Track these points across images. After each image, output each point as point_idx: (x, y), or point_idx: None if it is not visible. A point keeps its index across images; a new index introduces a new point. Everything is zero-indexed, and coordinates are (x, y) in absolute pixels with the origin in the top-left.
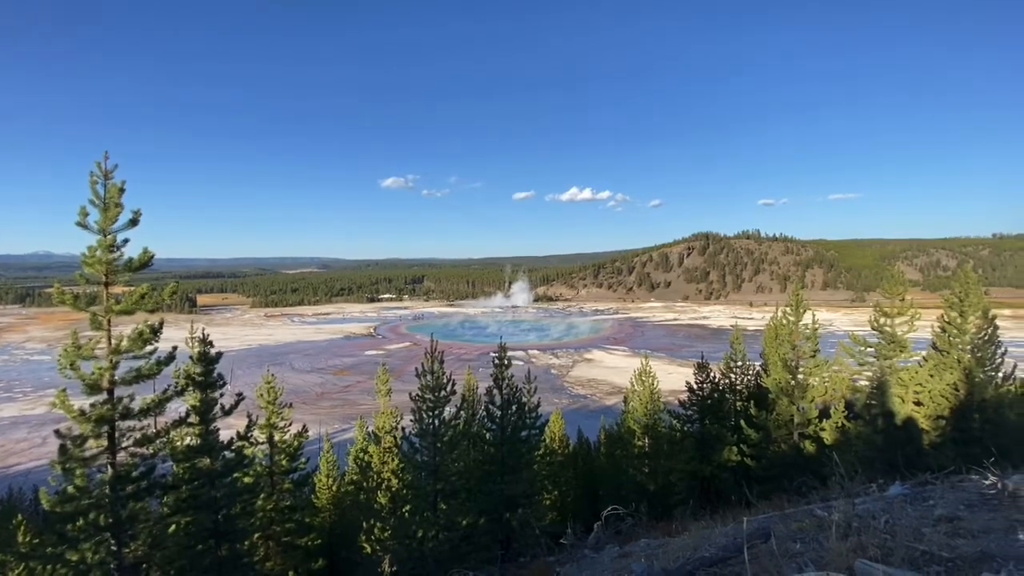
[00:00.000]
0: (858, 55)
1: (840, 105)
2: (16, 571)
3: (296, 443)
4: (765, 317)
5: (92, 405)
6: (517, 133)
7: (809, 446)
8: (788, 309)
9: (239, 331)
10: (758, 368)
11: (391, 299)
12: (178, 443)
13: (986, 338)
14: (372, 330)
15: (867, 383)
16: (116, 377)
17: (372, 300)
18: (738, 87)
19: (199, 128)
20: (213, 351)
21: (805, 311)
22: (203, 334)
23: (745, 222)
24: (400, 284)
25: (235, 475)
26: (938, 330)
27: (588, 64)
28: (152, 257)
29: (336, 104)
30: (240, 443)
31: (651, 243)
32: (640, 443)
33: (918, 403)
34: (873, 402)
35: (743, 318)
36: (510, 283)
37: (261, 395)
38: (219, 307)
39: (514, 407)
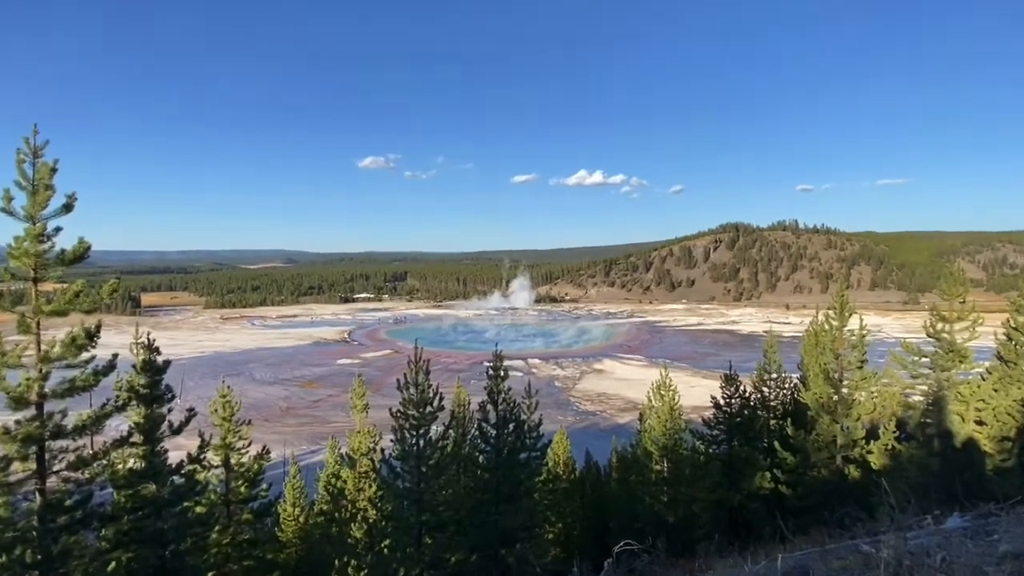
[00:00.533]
0: (910, 19)
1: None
2: None
3: (257, 467)
4: (804, 321)
5: (18, 422)
6: (516, 105)
7: (854, 471)
8: (831, 312)
9: (190, 336)
10: (795, 381)
11: (368, 299)
12: (119, 466)
13: None
14: (346, 335)
15: (921, 399)
16: (46, 389)
17: (346, 300)
18: (775, 54)
19: (142, 99)
20: (160, 359)
21: (850, 314)
22: (148, 339)
23: (781, 211)
24: (379, 282)
25: (185, 504)
26: (1004, 338)
27: (598, 25)
28: (89, 248)
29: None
30: (191, 467)
31: (672, 235)
32: (658, 467)
33: (980, 422)
34: (928, 420)
35: (778, 322)
36: (508, 281)
37: (216, 411)
38: (167, 308)
39: (511, 426)
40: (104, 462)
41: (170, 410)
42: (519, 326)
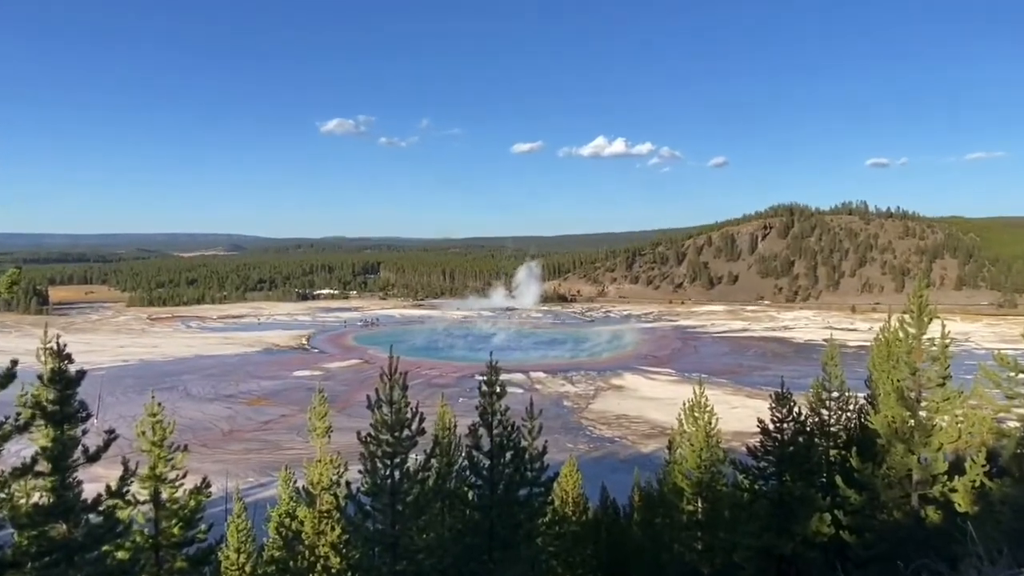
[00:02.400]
0: None
1: (979, 26)
2: None
3: (193, 503)
4: (873, 328)
5: None
6: (516, 57)
7: (933, 514)
8: (906, 316)
9: (111, 340)
10: (862, 402)
11: (332, 296)
12: (21, 501)
13: None
14: (304, 341)
15: (1018, 424)
16: None
17: (304, 297)
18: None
19: (46, 47)
20: (73, 369)
21: (931, 319)
22: (58, 344)
23: (847, 190)
24: (345, 275)
25: (104, 548)
26: None
27: None
28: None
29: (250, 9)
30: (112, 502)
31: (710, 219)
32: (690, 508)
33: None
34: None
35: (842, 329)
36: (507, 275)
37: (142, 433)
38: (81, 304)
39: (509, 454)
40: (2, 495)
41: (85, 432)
42: (519, 331)
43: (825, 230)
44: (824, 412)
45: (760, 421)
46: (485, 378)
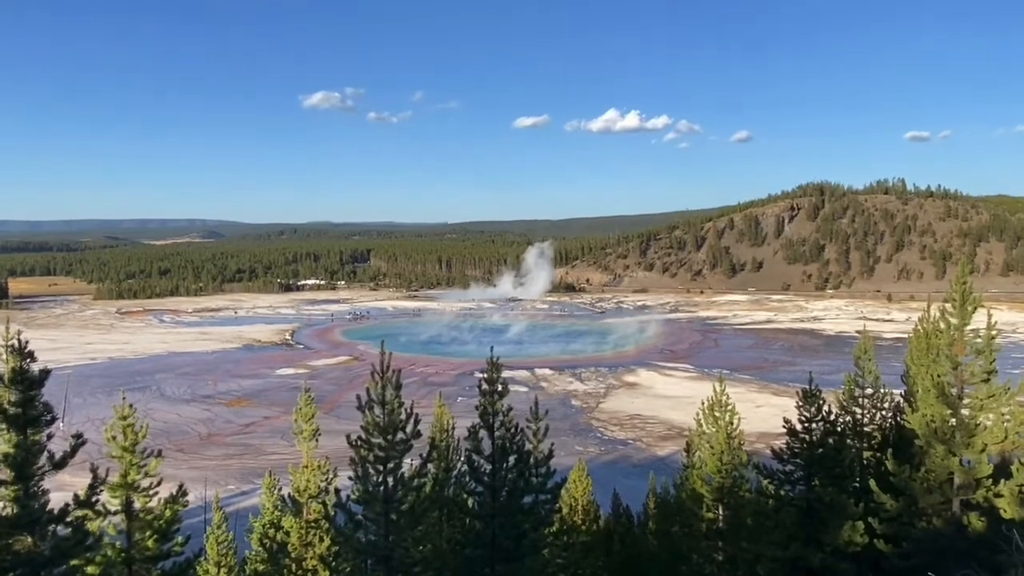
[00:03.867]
0: None
1: None
2: None
3: (169, 513)
4: (911, 318)
5: None
6: (519, 22)
7: (976, 521)
8: (948, 306)
9: (77, 336)
10: (898, 399)
11: (318, 287)
12: None
13: None
14: (288, 336)
15: None
16: None
17: (288, 289)
18: None
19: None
20: (36, 368)
21: (975, 309)
22: (20, 341)
23: (883, 167)
24: (332, 263)
25: (73, 563)
26: None
27: None
28: None
29: None
30: (80, 513)
31: (733, 200)
32: (711, 515)
33: None
34: None
35: (876, 319)
36: (512, 261)
37: (113, 438)
38: (44, 297)
39: (512, 458)
40: None
41: (50, 437)
42: (524, 324)
43: (859, 211)
44: (857, 411)
45: (787, 421)
46: (486, 375)
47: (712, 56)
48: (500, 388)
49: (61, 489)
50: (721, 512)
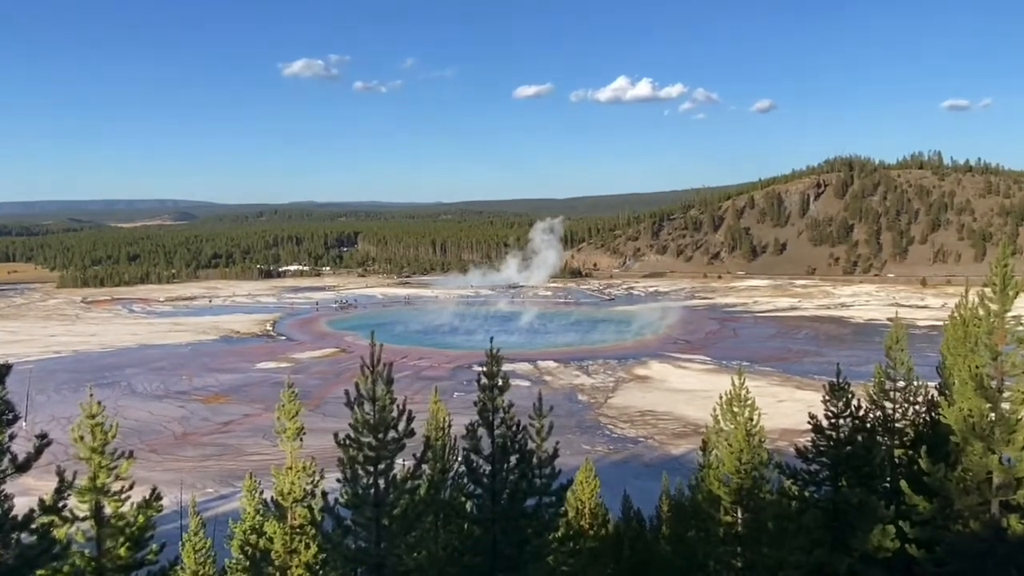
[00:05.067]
0: None
1: None
2: None
3: (142, 519)
4: (947, 304)
5: None
6: None
7: (1016, 524)
8: (988, 291)
9: (39, 328)
10: (933, 392)
11: (301, 273)
12: None
13: None
14: (269, 326)
15: None
16: None
17: (268, 275)
18: None
19: None
20: None
21: (1018, 294)
22: None
23: (917, 139)
24: (317, 248)
25: (39, 572)
26: None
27: None
28: None
29: None
30: (46, 519)
31: (753, 176)
32: (729, 518)
33: None
34: None
35: (909, 306)
36: (514, 243)
37: (80, 438)
38: (3, 286)
39: (514, 458)
40: None
41: (12, 437)
42: (525, 314)
43: (891, 187)
44: (888, 405)
45: (812, 417)
46: (485, 369)
47: (732, 18)
48: (500, 382)
49: (25, 494)
50: (740, 515)
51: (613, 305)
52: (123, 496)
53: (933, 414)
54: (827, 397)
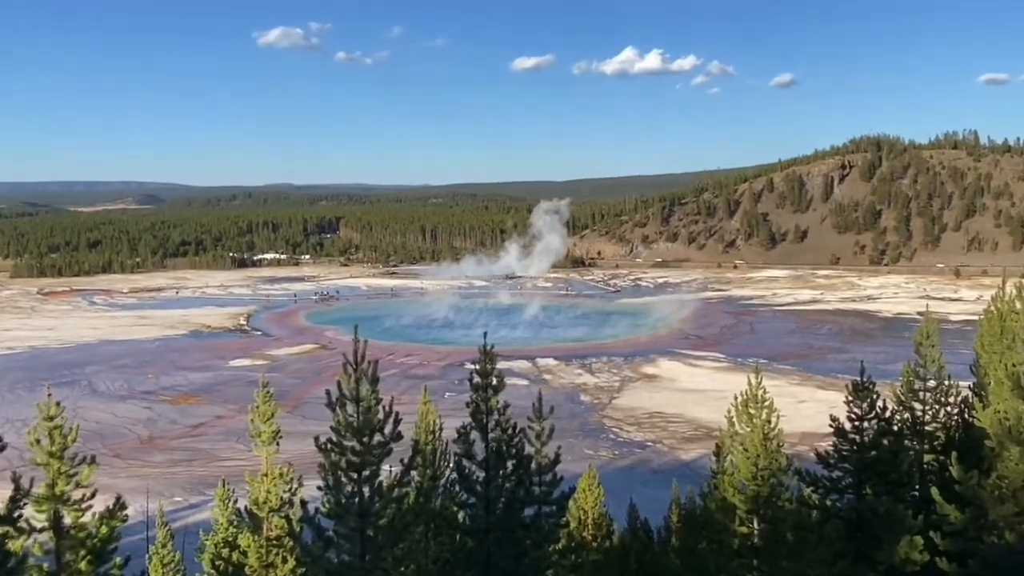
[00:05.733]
0: None
1: None
2: None
3: (104, 530)
4: (984, 297)
5: None
6: None
7: None
8: None
9: None
10: (966, 392)
11: (278, 262)
12: None
13: None
14: (243, 320)
15: None
16: None
17: (242, 264)
18: None
19: None
20: None
21: None
22: None
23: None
24: (295, 234)
25: None
26: None
27: None
28: None
29: None
30: (1, 530)
31: (772, 157)
32: (745, 529)
33: None
34: None
35: (942, 298)
36: (511, 230)
37: (36, 441)
38: None
39: (510, 464)
40: None
41: None
42: (522, 307)
43: (922, 169)
44: (917, 406)
45: (834, 419)
46: (478, 367)
47: None
48: (495, 381)
49: None
50: (757, 525)
51: (619, 298)
52: (84, 505)
53: (966, 416)
54: (851, 398)
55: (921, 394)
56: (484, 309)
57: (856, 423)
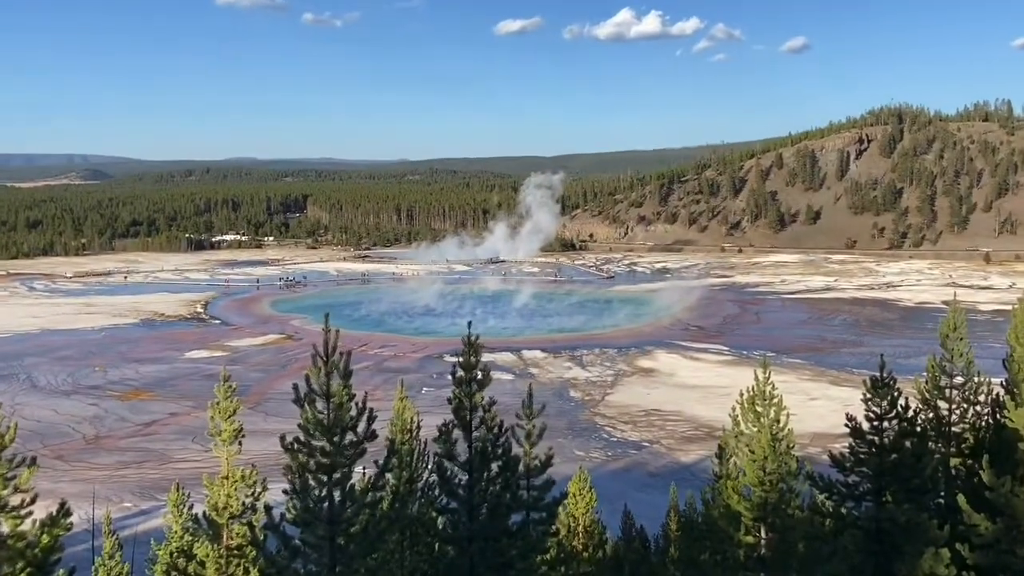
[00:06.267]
0: None
1: None
2: None
3: (46, 539)
4: (1017, 285)
5: None
6: None
7: None
8: None
9: None
10: (997, 390)
11: (239, 244)
12: None
13: None
14: (200, 308)
15: None
16: None
17: (199, 247)
18: None
19: None
20: None
21: None
22: None
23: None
24: (257, 213)
25: None
26: None
27: None
28: None
29: None
30: None
31: (782, 130)
32: (751, 539)
33: None
34: None
35: (970, 286)
36: (486, 217)
37: None
38: None
39: (496, 466)
40: None
41: None
42: (508, 294)
43: (949, 144)
44: (943, 405)
45: (851, 418)
46: (461, 359)
47: None
48: (479, 375)
49: None
50: (764, 535)
51: (612, 284)
52: (23, 512)
53: (998, 416)
54: (869, 395)
55: (947, 391)
56: (465, 296)
57: (875, 423)
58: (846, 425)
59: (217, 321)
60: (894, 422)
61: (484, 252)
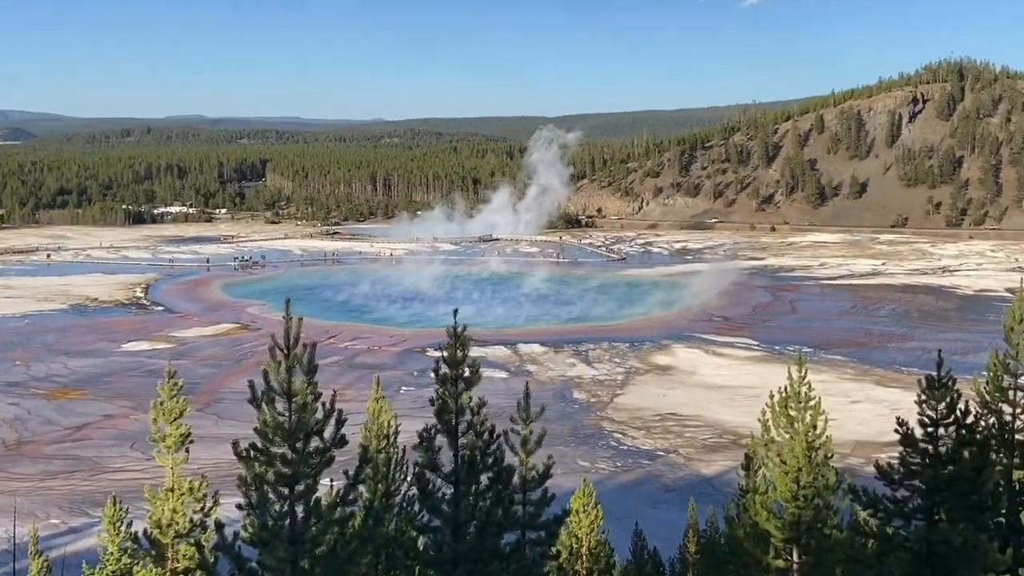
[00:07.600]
0: None
1: None
2: None
3: None
4: None
5: None
6: None
7: None
8: None
9: None
10: None
11: (186, 217)
12: None
13: None
14: (140, 292)
15: None
16: None
17: (139, 220)
18: None
19: None
20: None
21: None
22: None
23: None
24: (208, 182)
25: None
26: None
27: None
28: None
29: None
30: None
31: (823, 89)
32: (782, 562)
33: None
34: None
35: None
36: (478, 187)
37: None
38: None
39: (486, 478)
40: None
41: None
42: (502, 279)
43: (1017, 105)
44: (1006, 409)
45: (902, 423)
46: (445, 354)
47: None
48: (468, 373)
49: None
50: (797, 558)
51: (624, 267)
52: None
53: None
54: (922, 397)
55: (1012, 394)
56: (453, 280)
57: (929, 429)
58: (896, 431)
59: (160, 307)
60: (951, 429)
61: (476, 228)
